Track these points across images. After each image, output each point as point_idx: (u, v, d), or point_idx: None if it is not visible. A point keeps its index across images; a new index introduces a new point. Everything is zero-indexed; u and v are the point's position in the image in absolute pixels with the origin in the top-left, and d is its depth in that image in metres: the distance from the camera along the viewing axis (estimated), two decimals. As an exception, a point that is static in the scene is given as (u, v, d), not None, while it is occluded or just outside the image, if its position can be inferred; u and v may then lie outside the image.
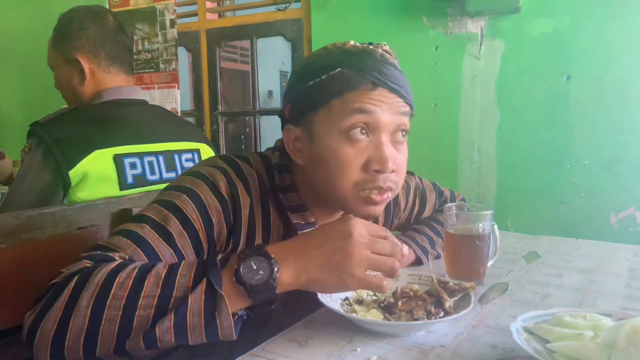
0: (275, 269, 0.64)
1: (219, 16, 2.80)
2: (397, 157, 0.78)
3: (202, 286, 0.61)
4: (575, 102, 1.85)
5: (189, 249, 0.74)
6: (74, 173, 1.13)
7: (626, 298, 0.88)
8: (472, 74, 2.01)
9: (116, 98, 1.31)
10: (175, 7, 2.61)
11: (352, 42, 0.78)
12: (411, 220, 1.15)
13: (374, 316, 0.76)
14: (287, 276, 0.65)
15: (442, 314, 0.75)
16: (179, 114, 2.59)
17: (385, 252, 0.67)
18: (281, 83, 8.42)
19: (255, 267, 0.63)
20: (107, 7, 2.70)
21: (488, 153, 2.01)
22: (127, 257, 0.69)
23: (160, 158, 1.30)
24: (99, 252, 0.69)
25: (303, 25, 2.45)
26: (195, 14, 2.79)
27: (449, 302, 0.76)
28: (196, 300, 0.61)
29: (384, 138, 0.77)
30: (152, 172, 1.28)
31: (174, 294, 0.61)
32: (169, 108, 2.48)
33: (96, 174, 1.16)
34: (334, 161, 0.76)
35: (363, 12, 2.18)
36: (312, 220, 0.85)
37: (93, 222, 1.07)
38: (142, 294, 0.61)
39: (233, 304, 0.62)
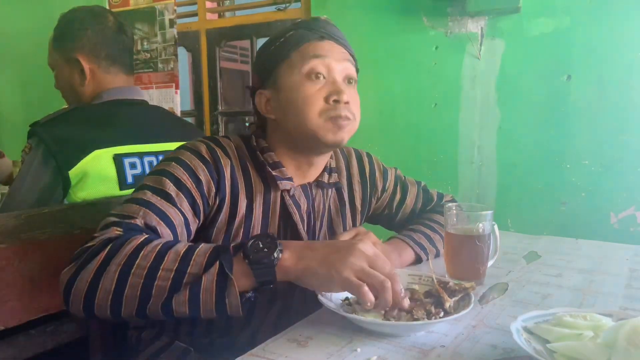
0: (279, 248, 0.71)
1: (219, 16, 2.81)
2: (351, 94, 0.92)
3: (215, 268, 0.69)
4: (575, 102, 1.85)
5: (186, 205, 0.84)
6: (74, 173, 1.13)
7: (626, 298, 0.88)
8: (472, 74, 2.01)
9: (116, 98, 1.31)
10: (175, 7, 2.61)
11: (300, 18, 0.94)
12: (393, 209, 1.16)
13: (374, 316, 0.76)
14: (288, 260, 0.72)
15: (442, 314, 0.74)
16: (178, 114, 2.59)
17: (382, 270, 0.72)
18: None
19: (261, 246, 0.71)
20: (107, 7, 2.70)
21: (488, 153, 2.01)
22: (143, 220, 0.79)
23: (160, 158, 1.30)
24: (122, 220, 0.78)
25: (303, 25, 2.45)
26: (195, 14, 2.79)
27: (449, 302, 0.76)
28: (209, 280, 0.69)
29: (337, 78, 0.92)
30: (152, 172, 1.28)
31: (189, 270, 0.69)
32: (166, 108, 2.47)
33: (96, 174, 1.16)
34: (300, 98, 0.90)
35: (363, 12, 2.18)
36: (289, 176, 0.95)
37: (93, 222, 1.07)
38: (161, 267, 0.70)
39: (240, 282, 0.70)
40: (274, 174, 0.94)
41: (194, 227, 0.87)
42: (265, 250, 0.71)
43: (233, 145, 0.95)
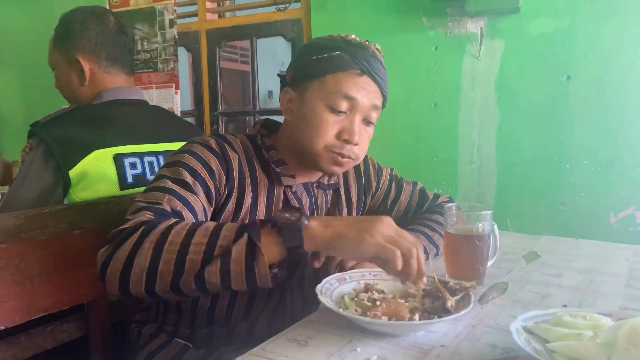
0: (305, 216, 0.74)
1: (219, 16, 2.81)
2: (363, 135, 0.96)
3: (244, 239, 0.72)
4: (575, 102, 1.85)
5: (202, 193, 0.89)
6: (74, 173, 1.13)
7: (626, 298, 0.88)
8: (472, 74, 2.01)
9: (116, 98, 1.31)
10: (175, 8, 2.61)
11: (352, 36, 0.97)
12: (387, 206, 1.19)
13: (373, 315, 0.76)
14: (315, 227, 0.75)
15: (442, 313, 0.75)
16: (178, 114, 2.58)
17: (409, 238, 0.76)
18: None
19: (287, 215, 0.74)
20: (107, 7, 2.70)
21: (488, 153, 2.01)
22: (169, 206, 0.83)
23: (161, 158, 1.30)
24: (150, 205, 0.82)
25: (303, 26, 2.45)
26: (195, 14, 2.79)
27: (450, 301, 0.76)
28: (238, 251, 0.71)
29: (357, 118, 0.95)
30: (152, 172, 1.28)
31: (219, 243, 0.73)
32: (166, 108, 2.47)
33: (96, 174, 1.16)
34: (315, 122, 0.93)
35: (363, 12, 2.18)
36: (292, 174, 1.00)
37: (93, 222, 1.07)
38: (192, 242, 0.73)
39: (269, 252, 0.72)
40: (277, 170, 0.98)
41: (209, 214, 0.91)
42: (292, 218, 0.73)
43: (239, 141, 0.99)
